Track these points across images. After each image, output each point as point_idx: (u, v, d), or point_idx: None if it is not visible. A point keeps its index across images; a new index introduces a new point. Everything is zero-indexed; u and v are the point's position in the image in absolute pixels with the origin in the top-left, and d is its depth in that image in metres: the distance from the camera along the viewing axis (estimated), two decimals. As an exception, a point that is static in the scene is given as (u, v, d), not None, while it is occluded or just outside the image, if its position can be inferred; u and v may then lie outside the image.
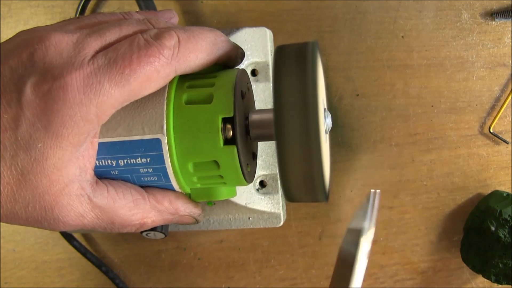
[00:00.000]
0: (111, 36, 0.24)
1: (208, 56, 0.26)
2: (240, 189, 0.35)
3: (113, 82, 0.22)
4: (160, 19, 0.27)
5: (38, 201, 0.23)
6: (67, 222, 0.24)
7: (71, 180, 0.23)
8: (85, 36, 0.23)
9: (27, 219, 0.23)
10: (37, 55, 0.22)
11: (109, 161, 0.26)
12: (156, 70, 0.23)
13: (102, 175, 0.27)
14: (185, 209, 0.28)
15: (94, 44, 0.23)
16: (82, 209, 0.24)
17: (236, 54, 0.28)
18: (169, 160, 0.26)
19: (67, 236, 0.42)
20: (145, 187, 0.27)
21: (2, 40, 0.25)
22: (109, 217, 0.25)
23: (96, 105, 0.22)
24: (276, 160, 0.33)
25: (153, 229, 0.30)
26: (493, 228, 0.40)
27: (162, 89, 0.26)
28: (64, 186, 0.23)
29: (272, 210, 0.36)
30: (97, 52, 0.23)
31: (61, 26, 0.25)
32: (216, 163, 0.26)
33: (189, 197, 0.29)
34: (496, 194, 0.42)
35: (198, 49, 0.25)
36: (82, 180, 0.24)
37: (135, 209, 0.26)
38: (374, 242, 0.43)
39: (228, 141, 0.25)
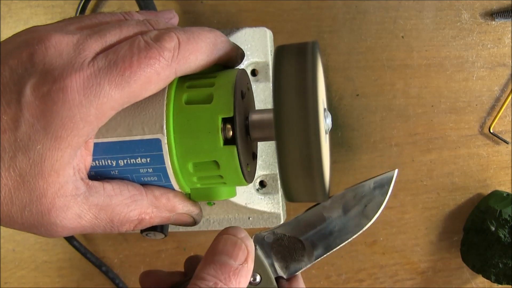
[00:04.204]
0: (111, 37, 0.24)
1: (208, 57, 0.26)
2: (240, 189, 0.35)
3: (113, 84, 0.22)
4: (160, 20, 0.27)
5: (35, 205, 0.22)
6: (65, 226, 0.24)
7: (66, 181, 0.23)
8: (85, 37, 0.23)
9: (23, 223, 0.23)
10: (37, 56, 0.22)
11: (109, 161, 0.26)
12: (156, 72, 0.23)
13: (102, 175, 0.26)
14: (183, 207, 0.28)
15: (95, 45, 0.23)
16: (79, 210, 0.24)
17: (236, 54, 0.28)
18: (169, 160, 0.26)
19: (67, 236, 0.42)
20: (145, 185, 0.27)
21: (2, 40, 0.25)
22: (108, 216, 0.25)
23: (96, 107, 0.22)
24: (276, 160, 0.33)
25: (153, 229, 0.30)
26: (493, 228, 0.40)
27: (162, 89, 0.26)
28: (60, 187, 0.23)
29: (272, 210, 0.36)
30: (97, 53, 0.23)
31: (62, 26, 0.25)
32: (216, 163, 0.26)
33: (189, 197, 0.29)
34: (496, 194, 0.42)
35: (198, 50, 0.25)
36: (76, 180, 0.24)
37: (132, 205, 0.26)
38: (374, 242, 0.43)
39: (228, 141, 0.25)
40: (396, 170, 0.29)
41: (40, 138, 0.22)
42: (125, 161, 0.26)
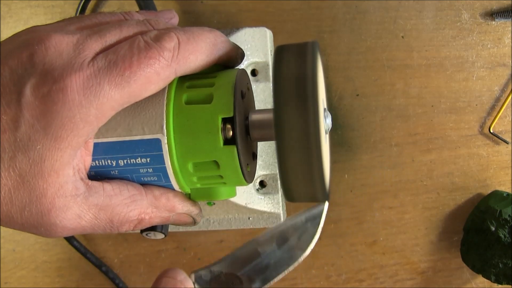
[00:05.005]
0: (111, 37, 0.24)
1: (208, 57, 0.26)
2: (240, 189, 0.35)
3: (113, 84, 0.22)
4: (160, 20, 0.27)
5: (35, 205, 0.22)
6: (65, 226, 0.24)
7: (65, 181, 0.23)
8: (85, 37, 0.23)
9: (22, 224, 0.23)
10: (37, 56, 0.22)
11: (109, 161, 0.26)
12: (156, 72, 0.23)
13: (102, 175, 0.27)
14: (183, 207, 0.28)
15: (94, 45, 0.23)
16: (79, 210, 0.24)
17: (236, 55, 0.28)
18: (169, 160, 0.26)
19: (67, 236, 0.42)
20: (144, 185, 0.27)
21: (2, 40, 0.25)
22: (107, 216, 0.25)
23: (96, 107, 0.22)
24: (276, 160, 0.33)
25: (153, 229, 0.30)
26: (493, 228, 0.40)
27: (162, 89, 0.26)
28: (59, 187, 0.23)
29: (272, 210, 0.36)
30: (97, 53, 0.23)
31: (62, 26, 0.25)
32: (216, 163, 0.26)
33: (189, 197, 0.29)
34: (496, 194, 0.42)
35: (198, 51, 0.25)
36: (76, 181, 0.24)
37: (132, 205, 0.26)
38: (374, 242, 0.43)
39: (228, 141, 0.25)
40: (327, 203, 0.29)
41: (40, 138, 0.22)
42: (125, 161, 0.26)
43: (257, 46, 0.37)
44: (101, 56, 0.23)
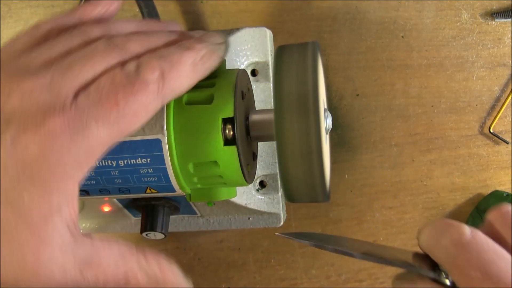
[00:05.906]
0: (87, 74, 0.22)
1: (192, 80, 0.24)
2: (240, 189, 0.35)
3: (100, 124, 0.21)
4: (120, 26, 0.26)
5: (17, 256, 0.20)
6: (48, 280, 0.21)
7: (53, 231, 0.21)
8: (58, 76, 0.22)
9: (2, 275, 0.21)
10: (9, 108, 0.21)
11: (109, 162, 0.26)
12: (144, 106, 0.22)
13: (102, 175, 0.27)
14: (175, 280, 0.25)
15: (71, 85, 0.22)
16: (64, 261, 0.22)
17: (221, 58, 0.26)
18: (169, 160, 0.26)
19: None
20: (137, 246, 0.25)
21: (3, 41, 0.24)
22: (94, 273, 0.23)
23: (85, 149, 0.21)
24: (276, 160, 0.33)
25: (153, 229, 0.30)
26: (493, 228, 0.40)
27: (162, 90, 0.26)
28: (46, 237, 0.21)
29: (272, 210, 0.36)
30: (76, 93, 0.22)
31: (21, 64, 0.23)
32: (217, 163, 0.26)
33: (189, 198, 0.29)
34: (496, 194, 0.42)
35: (182, 75, 0.24)
36: (64, 232, 0.22)
37: (120, 262, 0.23)
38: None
39: (228, 142, 0.25)
40: None
41: (27, 187, 0.20)
42: (125, 161, 0.26)
43: (257, 46, 0.37)
44: (83, 96, 0.21)
